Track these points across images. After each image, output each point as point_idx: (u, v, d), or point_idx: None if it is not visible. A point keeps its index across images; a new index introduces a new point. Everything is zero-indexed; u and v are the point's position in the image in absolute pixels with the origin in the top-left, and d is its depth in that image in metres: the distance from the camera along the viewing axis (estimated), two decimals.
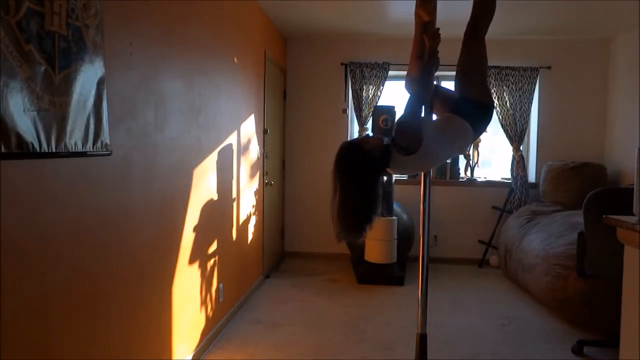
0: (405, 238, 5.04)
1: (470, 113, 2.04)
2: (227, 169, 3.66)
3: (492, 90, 5.49)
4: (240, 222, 4.02)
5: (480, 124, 2.08)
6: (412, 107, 1.94)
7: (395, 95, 5.82)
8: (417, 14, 2.17)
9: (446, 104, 2.15)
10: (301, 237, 5.85)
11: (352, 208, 1.82)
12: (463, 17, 4.00)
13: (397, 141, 1.90)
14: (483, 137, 5.67)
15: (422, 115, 2.15)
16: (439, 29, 2.14)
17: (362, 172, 1.83)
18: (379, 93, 5.56)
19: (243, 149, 4.02)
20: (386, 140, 1.92)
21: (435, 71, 2.17)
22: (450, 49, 3.73)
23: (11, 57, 1.43)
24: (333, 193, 1.85)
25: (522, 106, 5.49)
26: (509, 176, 5.62)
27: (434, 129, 2.00)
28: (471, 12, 2.13)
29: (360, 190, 1.83)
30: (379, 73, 5.54)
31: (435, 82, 2.23)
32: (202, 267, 3.13)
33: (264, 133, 4.68)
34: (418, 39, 2.19)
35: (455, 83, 2.17)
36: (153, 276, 2.47)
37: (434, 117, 2.23)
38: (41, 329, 1.65)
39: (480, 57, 2.11)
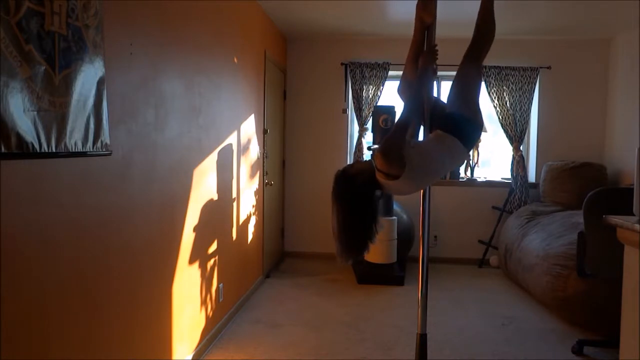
0: (405, 238, 5.04)
1: (461, 131, 2.01)
2: (227, 169, 3.66)
3: (492, 90, 5.50)
4: (240, 222, 4.02)
5: (469, 141, 2.06)
6: (397, 128, 1.88)
7: (395, 95, 5.81)
8: (418, 16, 2.16)
9: (438, 119, 2.11)
10: (301, 237, 5.85)
11: (349, 230, 1.87)
12: (463, 17, 4.01)
13: (377, 166, 1.86)
14: (483, 137, 5.67)
15: (418, 133, 2.18)
16: (436, 46, 2.12)
17: (350, 198, 1.87)
18: (379, 93, 5.56)
19: (243, 149, 4.02)
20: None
21: (434, 79, 2.16)
22: (449, 49, 3.73)
23: (11, 57, 1.43)
24: (332, 217, 1.90)
25: (522, 106, 5.49)
26: (509, 176, 5.62)
27: (425, 150, 1.95)
28: (472, 36, 2.13)
29: (354, 213, 1.87)
30: (379, 73, 5.54)
31: (434, 96, 2.21)
32: (202, 267, 3.13)
33: (264, 133, 4.68)
34: (416, 41, 2.19)
35: (447, 99, 2.15)
36: (153, 276, 2.47)
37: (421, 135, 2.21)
38: (41, 328, 1.65)
39: (475, 80, 2.12)
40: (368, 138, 5.51)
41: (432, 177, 2.02)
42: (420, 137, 2.22)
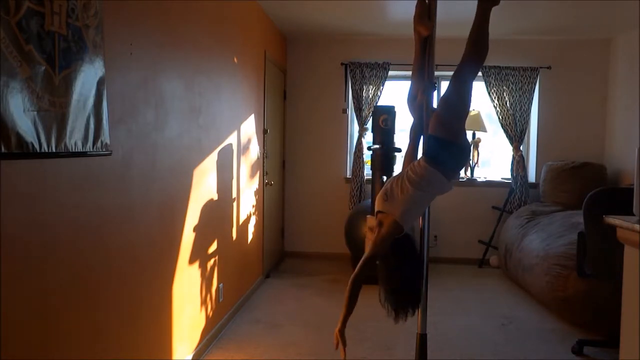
0: None
1: (442, 162, 1.95)
2: (227, 169, 3.66)
3: (492, 90, 5.50)
4: (240, 222, 4.02)
5: (451, 172, 2.00)
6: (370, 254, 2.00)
7: (395, 95, 5.82)
8: (415, 30, 2.15)
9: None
10: (301, 237, 5.85)
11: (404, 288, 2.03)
12: (463, 17, 4.00)
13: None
14: (483, 137, 5.68)
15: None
16: (436, 82, 2.14)
17: (397, 265, 2.00)
18: (379, 93, 5.56)
19: (243, 149, 4.02)
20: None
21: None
22: (449, 49, 3.73)
23: (11, 57, 1.43)
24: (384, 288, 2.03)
25: (522, 106, 5.49)
26: (509, 176, 5.62)
27: (412, 198, 1.95)
28: (463, 53, 2.03)
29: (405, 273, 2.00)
30: (379, 73, 5.54)
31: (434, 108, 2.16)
32: (202, 267, 3.13)
33: (264, 133, 4.68)
34: (417, 54, 2.17)
35: (433, 116, 2.06)
36: (153, 276, 2.47)
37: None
38: (41, 329, 1.65)
39: (459, 98, 2.02)
40: (368, 138, 5.51)
41: (422, 210, 2.07)
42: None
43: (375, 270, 2.01)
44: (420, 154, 2.14)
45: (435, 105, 2.15)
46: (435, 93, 2.21)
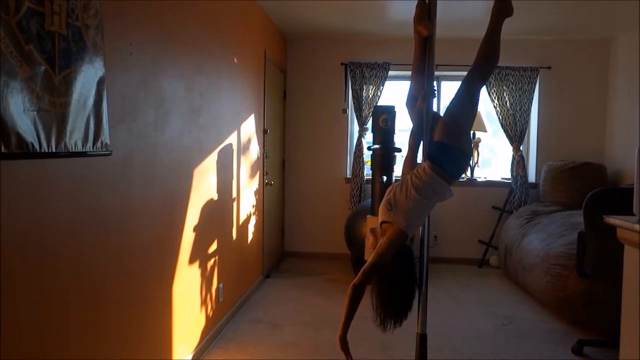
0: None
1: (445, 159, 1.96)
2: (227, 169, 3.66)
3: (492, 90, 5.50)
4: (240, 222, 4.02)
5: (455, 170, 2.02)
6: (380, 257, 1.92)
7: (395, 95, 5.82)
8: (415, 30, 2.15)
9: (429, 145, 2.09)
10: (301, 237, 5.85)
11: (398, 301, 1.99)
12: (463, 18, 4.01)
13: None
14: (483, 137, 5.68)
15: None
16: (435, 89, 2.12)
17: (395, 275, 1.95)
18: (379, 93, 5.56)
19: (243, 149, 4.02)
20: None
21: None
22: (449, 49, 3.75)
23: (11, 57, 1.43)
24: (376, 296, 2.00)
25: (522, 106, 5.49)
26: (509, 176, 5.62)
27: (413, 207, 1.93)
28: (475, 59, 2.05)
29: (399, 285, 1.96)
30: (379, 73, 5.54)
31: (434, 111, 2.14)
32: (202, 267, 3.13)
33: (264, 133, 4.68)
34: (417, 55, 2.17)
35: (439, 123, 2.05)
36: (153, 276, 2.47)
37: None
38: (41, 329, 1.65)
39: (467, 106, 2.02)
40: (368, 138, 5.51)
41: (425, 215, 2.05)
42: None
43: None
44: (420, 159, 2.13)
45: (435, 109, 2.14)
46: (434, 100, 2.19)
